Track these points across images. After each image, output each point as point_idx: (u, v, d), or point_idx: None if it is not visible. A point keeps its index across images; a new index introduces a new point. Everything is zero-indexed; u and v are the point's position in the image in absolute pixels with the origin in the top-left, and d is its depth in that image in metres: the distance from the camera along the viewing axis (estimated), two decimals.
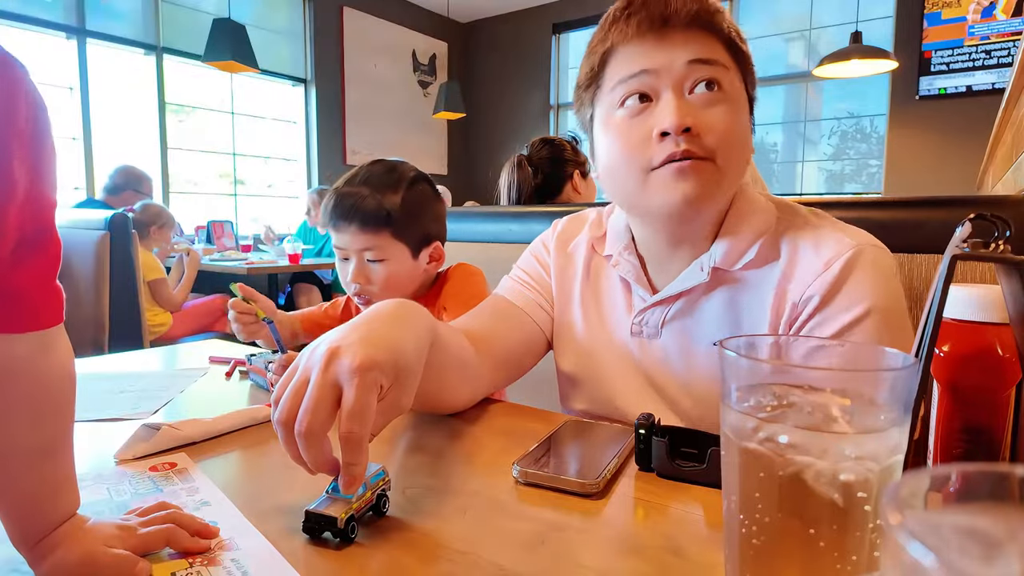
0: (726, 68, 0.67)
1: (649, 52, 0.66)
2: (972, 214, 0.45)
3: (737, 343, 0.36)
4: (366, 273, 1.03)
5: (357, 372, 0.44)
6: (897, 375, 0.31)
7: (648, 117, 0.66)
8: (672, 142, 0.64)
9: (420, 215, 1.05)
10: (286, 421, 0.44)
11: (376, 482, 0.48)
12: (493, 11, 6.27)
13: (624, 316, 0.78)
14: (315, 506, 0.45)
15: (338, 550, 0.43)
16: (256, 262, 3.50)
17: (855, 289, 0.64)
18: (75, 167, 4.01)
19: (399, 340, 0.49)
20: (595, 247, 0.83)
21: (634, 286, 0.77)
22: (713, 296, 0.72)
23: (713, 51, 0.66)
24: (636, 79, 0.66)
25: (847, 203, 0.94)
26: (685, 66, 0.65)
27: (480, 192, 5.92)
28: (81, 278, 2.29)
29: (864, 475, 0.30)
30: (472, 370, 0.72)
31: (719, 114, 0.65)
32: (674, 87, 0.65)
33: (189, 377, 0.91)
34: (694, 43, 0.65)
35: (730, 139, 0.66)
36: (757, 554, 0.33)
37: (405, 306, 0.56)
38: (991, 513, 0.18)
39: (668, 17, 0.65)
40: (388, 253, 1.02)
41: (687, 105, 0.65)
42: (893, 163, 4.43)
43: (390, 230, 1.01)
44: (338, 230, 1.02)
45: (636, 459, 0.57)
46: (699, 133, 0.64)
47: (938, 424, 0.58)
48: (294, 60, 5.24)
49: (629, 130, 0.67)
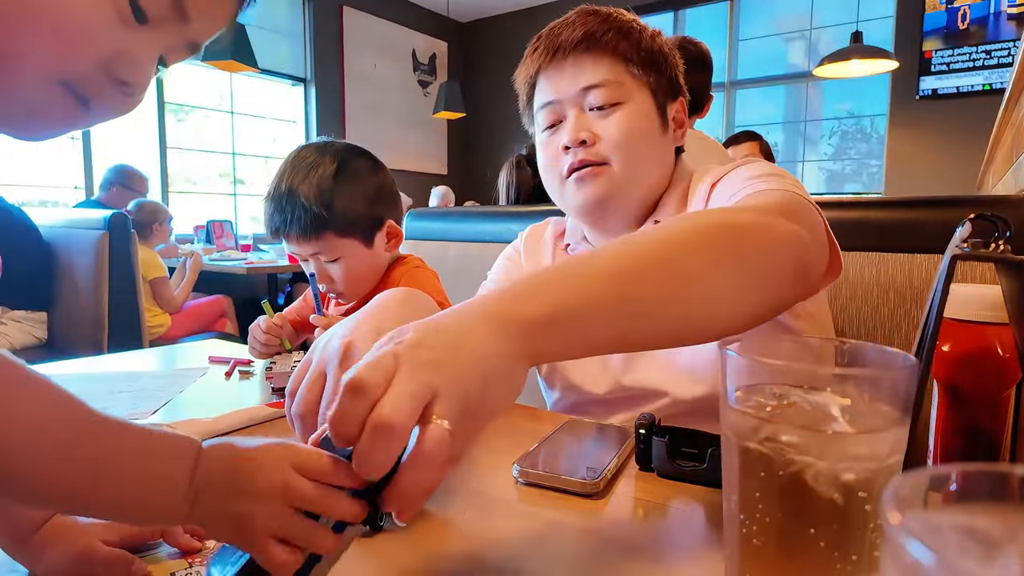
0: (621, 84, 0.76)
1: (552, 82, 0.78)
2: (972, 214, 0.45)
3: (737, 344, 0.36)
4: (327, 274, 1.00)
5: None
6: (897, 375, 0.31)
7: (559, 134, 0.78)
8: (572, 153, 0.76)
9: (358, 203, 0.98)
10: (304, 414, 0.44)
11: None
12: (493, 11, 6.27)
13: None
14: None
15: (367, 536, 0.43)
16: (256, 262, 3.50)
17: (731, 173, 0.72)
18: (74, 167, 4.01)
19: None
20: (556, 241, 0.93)
21: None
22: None
23: (605, 72, 0.75)
24: (547, 108, 0.78)
25: (847, 203, 0.94)
26: (579, 92, 0.76)
27: (480, 192, 5.92)
28: (80, 278, 2.29)
29: (864, 475, 0.30)
30: None
31: (612, 124, 0.75)
32: (574, 107, 0.77)
33: (188, 377, 0.90)
34: (586, 69, 0.76)
35: (624, 144, 0.75)
36: (757, 554, 0.33)
37: (412, 294, 0.57)
38: (991, 513, 0.18)
39: (560, 46, 0.76)
40: (338, 252, 0.98)
41: (584, 121, 0.76)
42: (893, 163, 4.43)
43: (331, 231, 0.96)
44: (284, 238, 0.99)
45: (636, 459, 0.57)
46: (594, 143, 0.75)
47: (938, 424, 0.58)
48: (294, 59, 5.24)
49: (548, 146, 0.79)
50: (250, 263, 3.42)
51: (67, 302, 2.35)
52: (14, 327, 2.28)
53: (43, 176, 3.93)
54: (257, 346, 1.00)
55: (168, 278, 2.84)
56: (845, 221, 0.88)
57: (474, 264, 1.31)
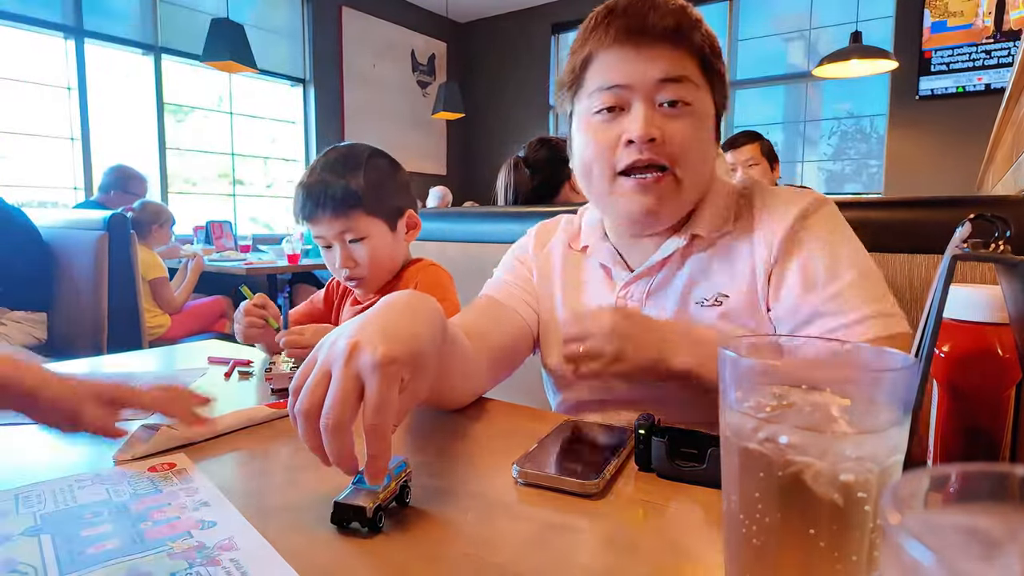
0: (695, 85, 0.71)
1: (624, 64, 0.70)
2: (972, 214, 0.45)
3: (737, 343, 0.36)
4: (351, 256, 1.06)
5: (379, 366, 0.44)
6: (897, 375, 0.31)
7: (619, 123, 0.72)
8: (636, 149, 0.70)
9: (385, 188, 1.08)
10: (308, 412, 0.45)
11: (400, 473, 0.49)
12: (492, 11, 6.27)
13: (607, 296, 0.81)
14: (343, 497, 0.46)
15: (366, 538, 0.45)
16: (255, 263, 3.50)
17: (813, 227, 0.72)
18: (74, 168, 4.01)
19: (416, 332, 0.50)
20: (571, 244, 0.89)
21: (612, 268, 0.82)
22: (692, 261, 0.76)
23: (684, 68, 0.70)
24: (611, 92, 0.71)
25: (847, 203, 0.94)
26: (655, 83, 0.70)
27: (479, 192, 5.92)
28: (80, 279, 2.29)
29: (864, 475, 0.30)
30: (472, 365, 0.73)
31: (683, 127, 0.70)
32: (644, 99, 0.70)
33: (188, 377, 0.90)
34: (666, 59, 0.70)
35: (691, 152, 0.71)
36: (757, 554, 0.33)
37: (418, 297, 0.57)
38: (991, 513, 0.18)
39: (645, 29, 0.69)
40: (366, 231, 1.06)
41: (654, 116, 0.70)
42: (893, 163, 4.43)
43: (362, 209, 1.04)
44: (314, 221, 1.05)
45: (636, 459, 0.57)
46: (663, 143, 0.70)
47: (938, 424, 0.58)
48: (293, 60, 5.24)
49: (601, 133, 0.73)
50: (249, 263, 3.42)
51: (67, 303, 2.34)
52: (14, 328, 2.28)
53: (42, 177, 3.93)
54: (240, 328, 1.01)
55: (168, 279, 2.84)
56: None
57: (473, 264, 1.31)
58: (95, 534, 0.45)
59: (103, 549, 0.42)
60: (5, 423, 0.69)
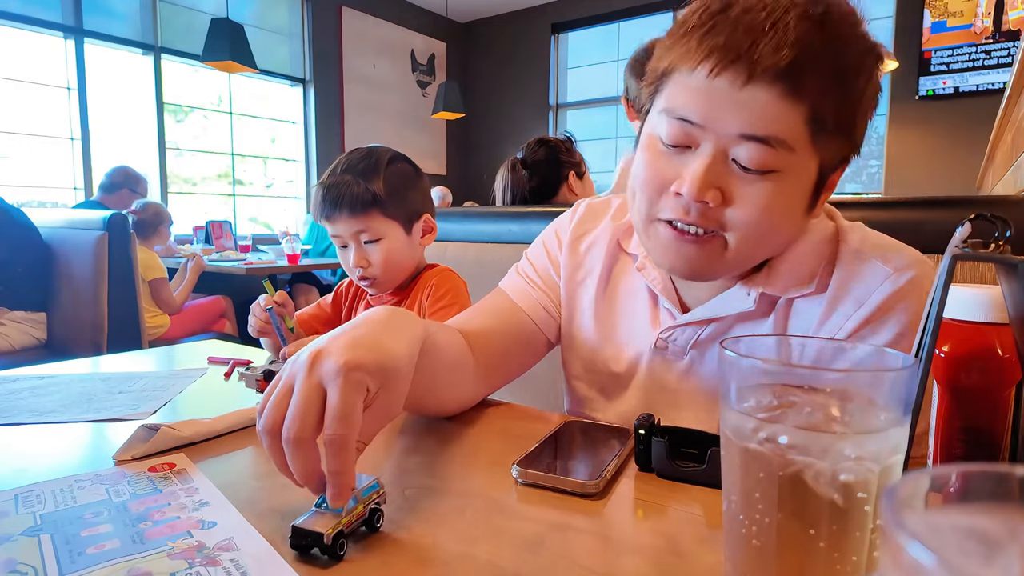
0: (790, 150, 0.54)
1: (703, 97, 0.55)
2: (972, 214, 0.45)
3: (737, 343, 0.36)
4: (366, 256, 1.08)
5: (341, 372, 0.42)
6: (897, 375, 0.31)
7: (681, 161, 0.58)
8: (682, 206, 0.58)
9: (404, 191, 1.09)
10: (271, 429, 0.42)
11: (369, 495, 0.45)
12: (492, 11, 6.27)
13: (646, 328, 0.72)
14: (302, 521, 0.42)
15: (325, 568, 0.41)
16: (255, 262, 3.50)
17: (896, 315, 0.61)
18: (73, 168, 4.01)
19: (385, 342, 0.47)
20: (620, 243, 0.76)
21: (661, 299, 0.70)
22: (753, 323, 0.66)
23: (781, 126, 0.53)
24: (679, 124, 0.57)
25: (847, 203, 0.95)
26: (736, 135, 0.54)
27: (479, 192, 5.92)
28: (79, 278, 2.29)
29: (864, 475, 0.30)
30: (467, 372, 0.70)
31: (752, 196, 0.56)
32: (716, 148, 0.56)
33: (188, 377, 0.90)
34: (764, 108, 0.53)
35: (755, 225, 0.57)
36: (757, 554, 0.33)
37: (394, 312, 0.53)
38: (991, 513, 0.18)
39: (747, 61, 0.52)
40: (382, 232, 1.07)
41: (720, 174, 0.56)
42: (893, 163, 4.43)
43: (378, 210, 1.06)
44: (331, 220, 1.07)
45: (636, 459, 0.57)
46: (720, 206, 0.57)
47: (938, 424, 0.58)
48: (293, 60, 5.24)
49: (655, 165, 0.60)
50: (249, 264, 3.42)
51: (66, 303, 2.35)
52: (13, 328, 2.28)
53: (42, 177, 3.93)
54: (255, 323, 1.02)
55: (168, 279, 2.84)
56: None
57: (473, 264, 1.31)
58: (95, 534, 0.44)
59: (103, 549, 0.42)
60: (5, 423, 0.69)
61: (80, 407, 0.75)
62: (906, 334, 0.60)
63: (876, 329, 0.61)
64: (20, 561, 0.41)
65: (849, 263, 0.63)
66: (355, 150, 1.12)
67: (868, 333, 0.61)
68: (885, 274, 0.61)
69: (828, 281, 0.63)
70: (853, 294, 0.62)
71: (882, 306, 0.61)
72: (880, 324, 0.61)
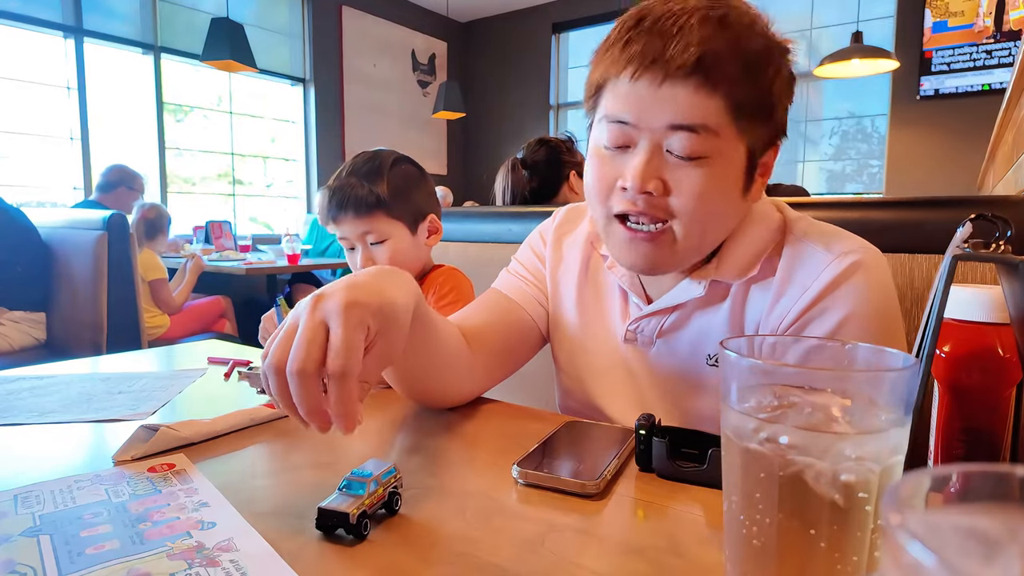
0: (716, 135, 0.60)
1: (635, 102, 0.61)
2: (973, 214, 0.45)
3: (738, 343, 0.36)
4: (372, 257, 1.10)
5: (343, 309, 0.45)
6: (897, 375, 0.31)
7: (623, 160, 0.63)
8: (630, 199, 0.63)
9: (408, 192, 1.11)
10: (277, 365, 0.45)
11: (388, 479, 0.48)
12: (492, 10, 6.27)
13: (619, 322, 0.77)
14: (328, 503, 0.45)
15: (351, 546, 0.44)
16: (255, 263, 3.50)
17: (839, 298, 0.63)
18: (73, 168, 4.01)
19: (384, 288, 0.51)
20: (594, 243, 0.81)
21: (629, 293, 0.76)
22: (710, 309, 0.71)
23: (704, 114, 0.59)
24: (617, 127, 0.63)
25: (848, 203, 0.94)
26: (665, 127, 0.60)
27: (479, 192, 5.92)
28: (79, 278, 2.29)
29: (865, 475, 0.30)
30: (466, 362, 0.72)
31: (689, 181, 0.61)
32: (650, 143, 0.61)
33: (188, 378, 0.90)
34: (683, 103, 0.59)
35: (699, 208, 0.62)
36: (757, 555, 0.33)
37: (392, 269, 0.57)
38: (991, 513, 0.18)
39: (662, 62, 0.58)
40: (387, 233, 1.09)
41: (657, 165, 0.61)
42: (894, 163, 4.43)
43: (383, 211, 1.07)
44: (337, 222, 1.09)
45: (636, 460, 0.57)
46: (663, 194, 0.62)
47: (938, 424, 0.58)
48: (293, 60, 5.24)
49: (602, 168, 0.65)
50: (249, 264, 3.42)
51: (66, 303, 2.34)
52: (13, 328, 2.28)
53: (42, 177, 3.93)
54: (267, 335, 1.02)
55: (167, 279, 2.84)
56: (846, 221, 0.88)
57: (473, 264, 1.31)
58: (94, 535, 0.44)
59: (102, 550, 0.42)
60: (5, 423, 0.69)
61: (80, 407, 0.75)
62: (853, 317, 0.63)
63: (822, 311, 0.64)
64: (19, 562, 0.41)
65: (795, 250, 0.67)
66: (360, 154, 1.14)
67: (816, 314, 0.64)
68: (828, 260, 0.65)
69: (776, 268, 0.68)
70: (798, 279, 0.66)
71: (825, 289, 0.64)
72: (825, 307, 0.64)
